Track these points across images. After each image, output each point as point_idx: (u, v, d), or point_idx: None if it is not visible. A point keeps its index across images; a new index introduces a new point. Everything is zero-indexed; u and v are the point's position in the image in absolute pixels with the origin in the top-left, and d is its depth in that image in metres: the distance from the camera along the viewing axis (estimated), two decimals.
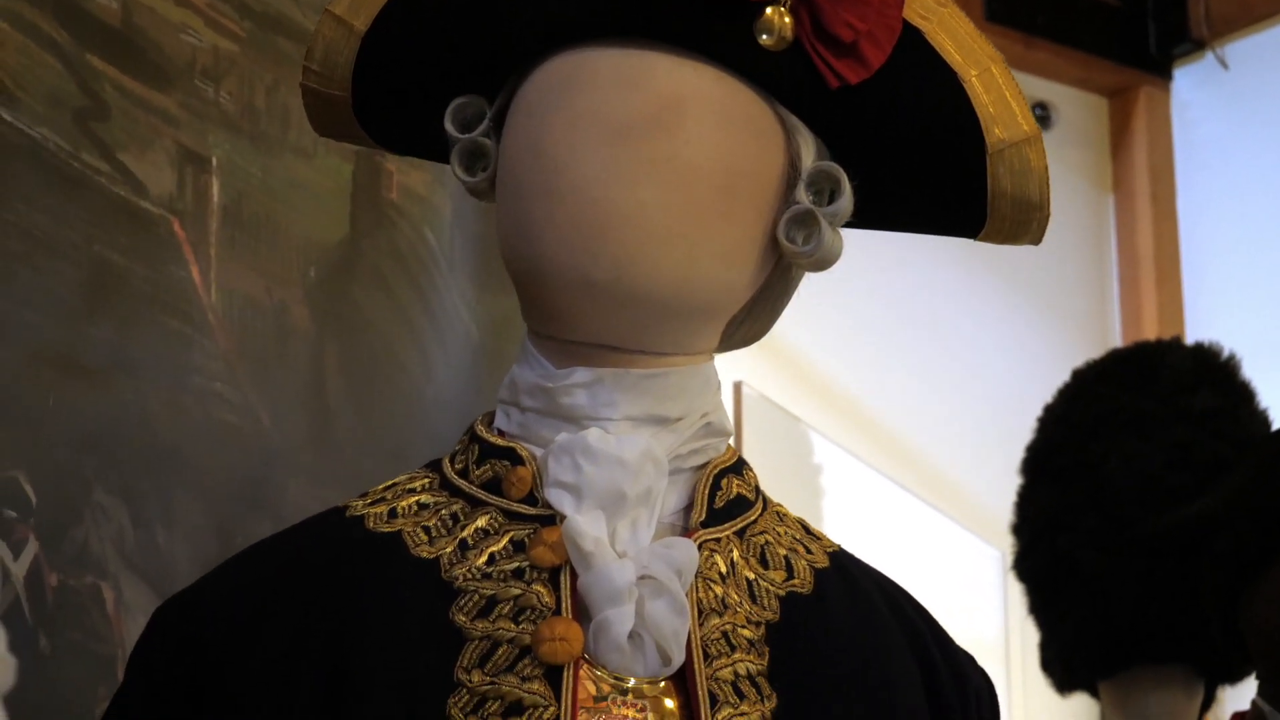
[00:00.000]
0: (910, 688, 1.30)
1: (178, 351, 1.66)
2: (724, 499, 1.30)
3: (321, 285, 1.83)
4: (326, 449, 1.82)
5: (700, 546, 1.26)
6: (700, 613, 1.24)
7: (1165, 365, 2.80)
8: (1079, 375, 2.89)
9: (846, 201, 1.28)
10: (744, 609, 1.26)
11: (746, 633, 1.25)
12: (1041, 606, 2.79)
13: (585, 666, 1.20)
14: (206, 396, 1.68)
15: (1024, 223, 1.33)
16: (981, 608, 3.77)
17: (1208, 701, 2.75)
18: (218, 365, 1.69)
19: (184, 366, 1.67)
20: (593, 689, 1.20)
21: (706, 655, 1.23)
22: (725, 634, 1.24)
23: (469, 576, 1.23)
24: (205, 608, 1.25)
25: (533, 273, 1.25)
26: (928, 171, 1.31)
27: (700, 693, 1.21)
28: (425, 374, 1.94)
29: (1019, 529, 2.84)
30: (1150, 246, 5.34)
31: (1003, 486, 2.98)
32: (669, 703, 1.22)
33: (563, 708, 1.18)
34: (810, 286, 1.38)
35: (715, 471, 1.30)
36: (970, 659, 1.37)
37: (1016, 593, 2.98)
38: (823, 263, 1.30)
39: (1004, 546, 3.03)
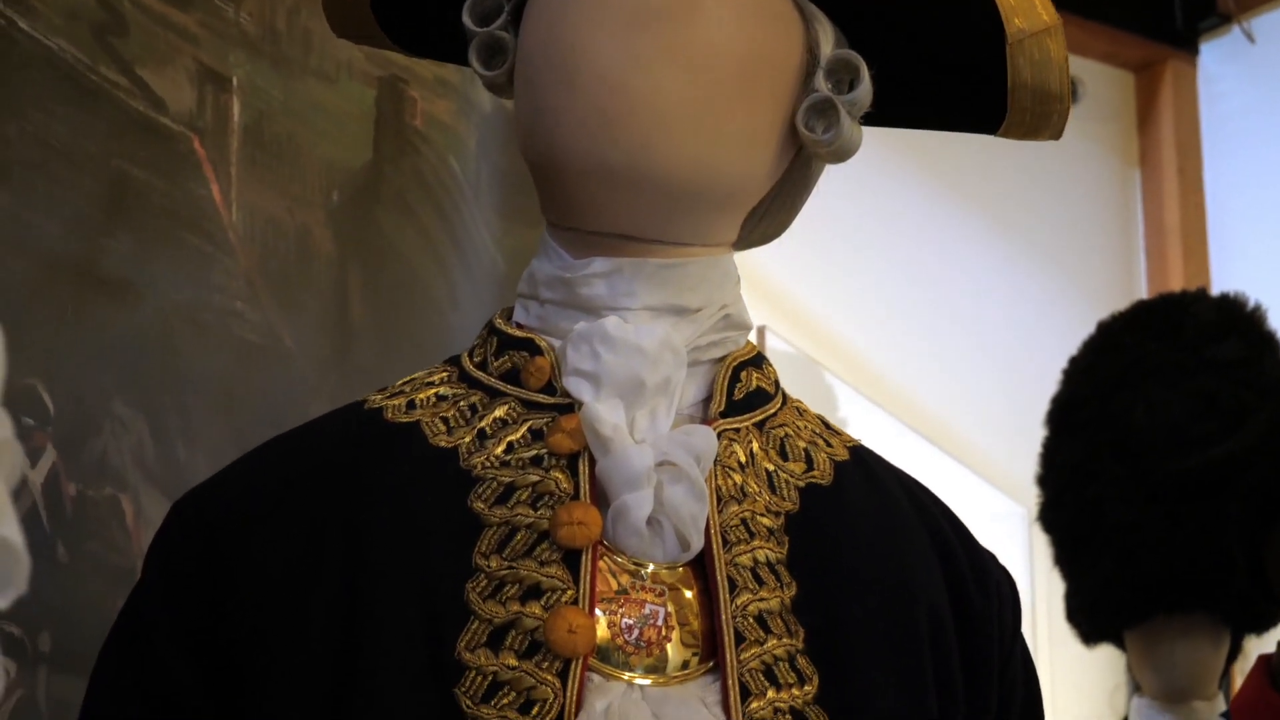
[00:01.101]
0: (930, 579, 1.29)
1: (198, 268, 1.66)
2: (743, 391, 1.29)
3: (345, 209, 1.83)
4: (349, 373, 1.81)
5: (719, 436, 1.25)
6: (719, 500, 1.23)
7: (1191, 315, 2.80)
8: (1104, 327, 2.89)
9: (865, 91, 1.27)
10: (763, 498, 1.25)
11: (766, 521, 1.25)
12: (1067, 557, 2.79)
13: (604, 552, 1.20)
14: (228, 315, 1.68)
15: (1044, 115, 1.31)
16: (1006, 564, 3.76)
17: (1234, 653, 2.74)
18: (239, 284, 1.69)
19: (205, 284, 1.67)
20: (611, 575, 1.20)
21: (725, 541, 1.22)
22: (744, 521, 1.24)
23: (487, 465, 1.22)
24: (223, 499, 1.24)
25: (551, 161, 1.24)
26: (947, 62, 1.30)
27: (719, 578, 1.20)
28: (450, 302, 1.94)
29: (1044, 480, 2.84)
30: (1177, 220, 5.33)
31: (1028, 447, 2.97)
32: (688, 594, 1.21)
33: (581, 591, 1.17)
34: (843, 255, 1.38)
35: (734, 364, 1.30)
36: (993, 557, 1.36)
37: (1042, 548, 2.97)
38: (842, 153, 1.29)
39: (1029, 503, 3.02)
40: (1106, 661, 3.02)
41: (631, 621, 1.19)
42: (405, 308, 1.69)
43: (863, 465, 1.34)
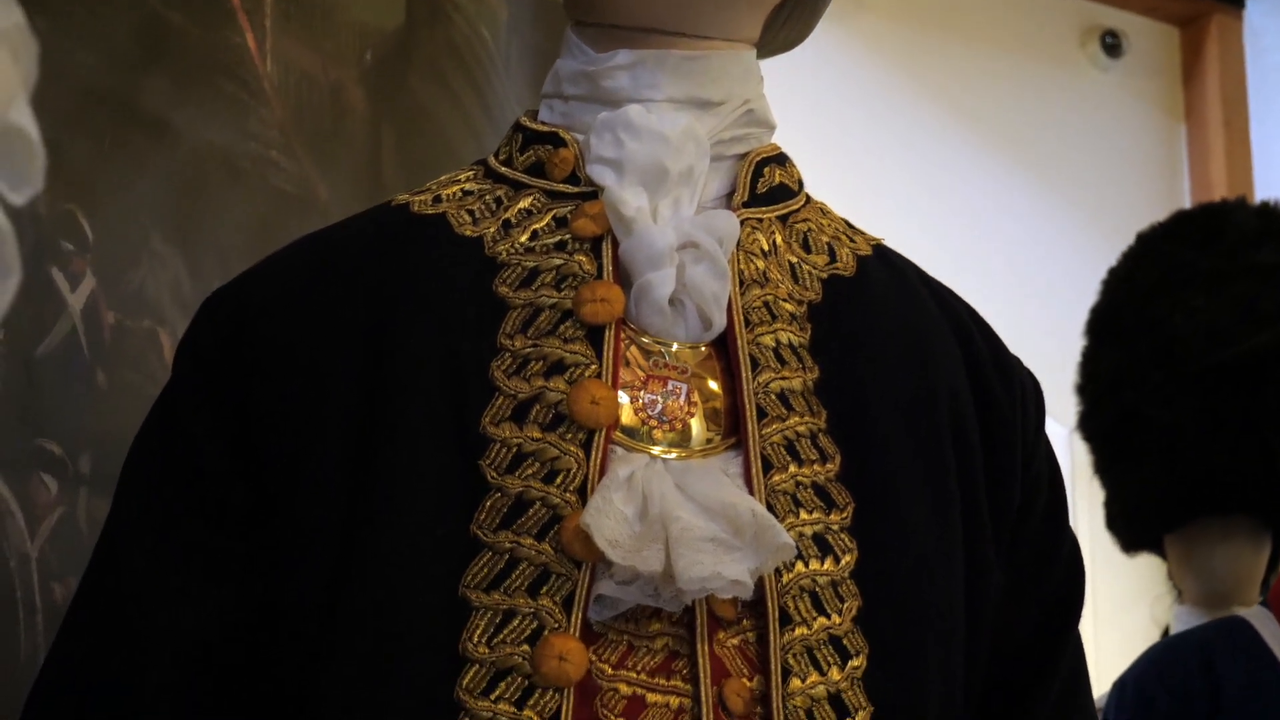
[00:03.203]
0: (953, 369, 1.30)
1: (234, 114, 1.68)
2: (766, 185, 1.31)
3: (378, 69, 1.85)
4: None
5: (741, 224, 1.26)
6: (741, 283, 1.25)
7: (1230, 223, 2.80)
8: (1143, 238, 2.89)
9: None
10: (785, 285, 1.27)
11: (788, 306, 1.26)
12: (1107, 463, 2.79)
13: (627, 334, 1.21)
14: (263, 163, 1.70)
15: None
16: None
17: (1275, 560, 2.74)
18: (274, 134, 1.71)
19: (240, 130, 1.69)
20: (634, 354, 1.21)
21: (748, 322, 1.24)
22: (767, 304, 1.25)
23: (511, 252, 1.24)
24: (252, 292, 1.26)
25: None
26: None
27: (741, 355, 1.22)
28: None
29: (1084, 389, 2.84)
30: (1223, 175, 5.31)
31: (1070, 378, 2.97)
32: (713, 384, 1.22)
33: (604, 366, 1.19)
34: (889, 212, 1.39)
35: (758, 159, 1.31)
36: (1018, 360, 1.37)
37: (1084, 470, 2.97)
38: None
39: (1069, 423, 3.02)
40: (1148, 570, 3.01)
41: (654, 397, 1.20)
42: (436, 171, 1.70)
43: (886, 261, 1.35)
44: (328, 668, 1.15)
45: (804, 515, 1.19)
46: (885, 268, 1.34)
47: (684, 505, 1.15)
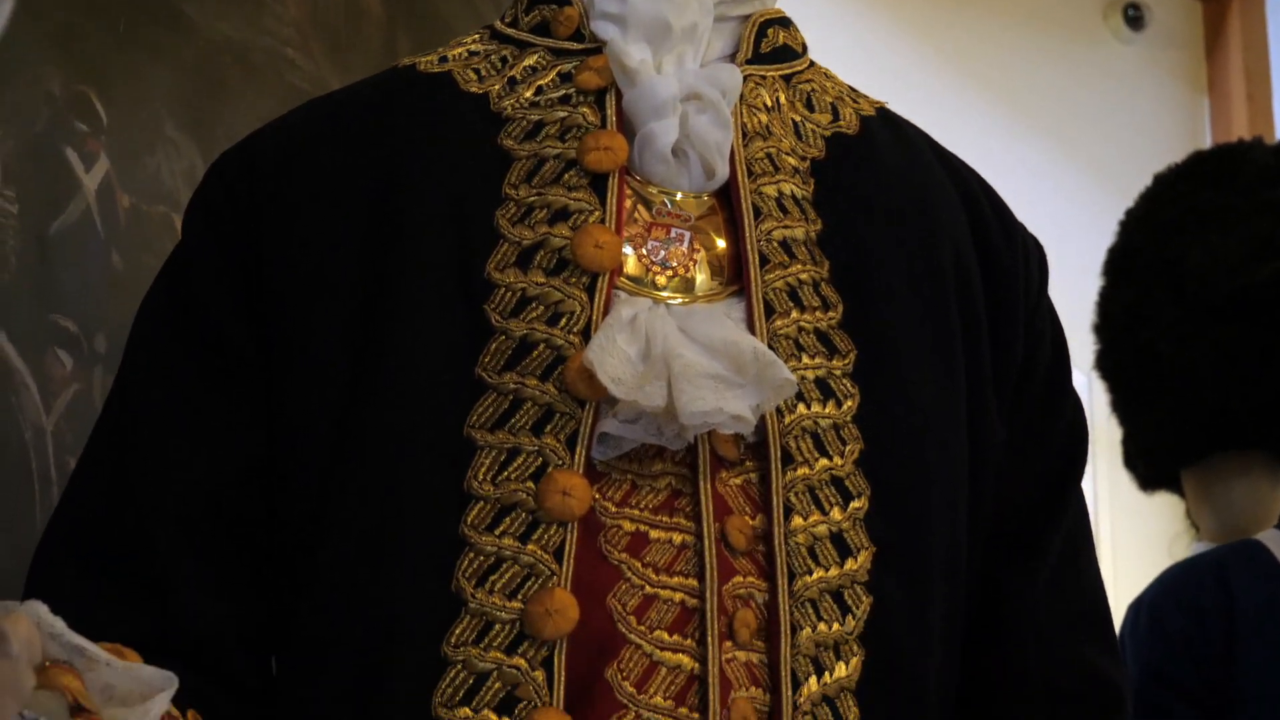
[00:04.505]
0: (956, 226, 1.31)
1: (249, 8, 1.69)
2: (770, 45, 1.32)
3: None
4: None
5: (745, 79, 1.27)
6: (745, 135, 1.26)
7: (1247, 161, 2.80)
8: (1159, 178, 2.89)
9: None
10: (788, 141, 1.28)
11: (791, 160, 1.27)
12: (1124, 401, 2.79)
13: (631, 183, 1.23)
14: (278, 60, 1.71)
15: None
16: None
17: None
18: (289, 31, 1.72)
19: (255, 25, 1.70)
20: (638, 205, 1.22)
21: (750, 173, 1.25)
22: (770, 155, 1.26)
23: (517, 106, 1.26)
24: (259, 150, 1.28)
25: None
26: None
27: (744, 204, 1.23)
28: None
29: (1100, 328, 2.84)
30: None
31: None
32: (716, 237, 1.23)
33: (607, 212, 1.20)
34: None
35: (761, 20, 1.32)
36: (1022, 225, 1.38)
37: (1101, 419, 2.96)
38: None
39: (1087, 371, 3.01)
40: (1166, 509, 3.01)
41: (657, 244, 1.21)
42: None
43: (890, 122, 1.36)
44: (337, 505, 1.16)
45: (806, 360, 1.20)
46: (890, 129, 1.35)
47: (687, 345, 1.16)
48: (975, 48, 5.03)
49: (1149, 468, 2.78)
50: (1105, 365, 2.81)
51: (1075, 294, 4.63)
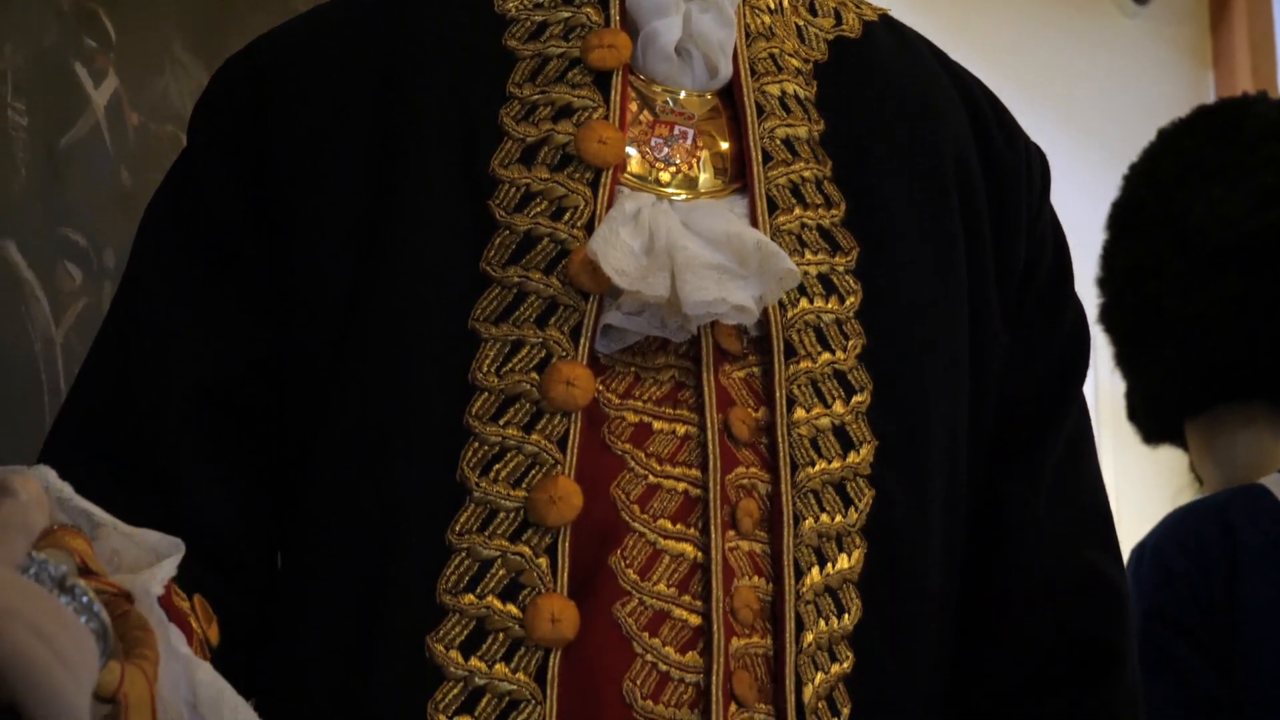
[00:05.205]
0: (959, 128, 1.32)
1: None
2: None
3: None
4: None
5: None
6: (748, 36, 1.27)
7: (1251, 115, 2.79)
8: (1164, 133, 2.89)
9: None
10: (791, 43, 1.29)
11: (794, 61, 1.28)
12: (1127, 354, 2.79)
13: (635, 83, 1.23)
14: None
15: None
16: None
17: None
18: None
19: None
20: (642, 103, 1.23)
21: (754, 72, 1.26)
22: (773, 56, 1.27)
23: (520, 8, 1.26)
24: (265, 51, 1.28)
25: None
26: None
27: (747, 102, 1.24)
28: None
29: (1104, 281, 2.84)
30: None
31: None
32: (719, 138, 1.24)
33: (611, 110, 1.21)
34: None
35: None
36: (1026, 135, 1.39)
37: (1107, 390, 2.96)
38: None
39: (1096, 338, 3.01)
40: (1172, 462, 3.01)
41: (660, 141, 1.22)
42: None
43: (893, 28, 1.37)
44: (342, 399, 1.17)
45: (809, 256, 1.21)
46: (893, 35, 1.36)
47: (690, 238, 1.17)
48: (979, 21, 5.03)
49: (1153, 420, 2.77)
50: (1109, 318, 2.81)
51: (1077, 263, 4.65)
